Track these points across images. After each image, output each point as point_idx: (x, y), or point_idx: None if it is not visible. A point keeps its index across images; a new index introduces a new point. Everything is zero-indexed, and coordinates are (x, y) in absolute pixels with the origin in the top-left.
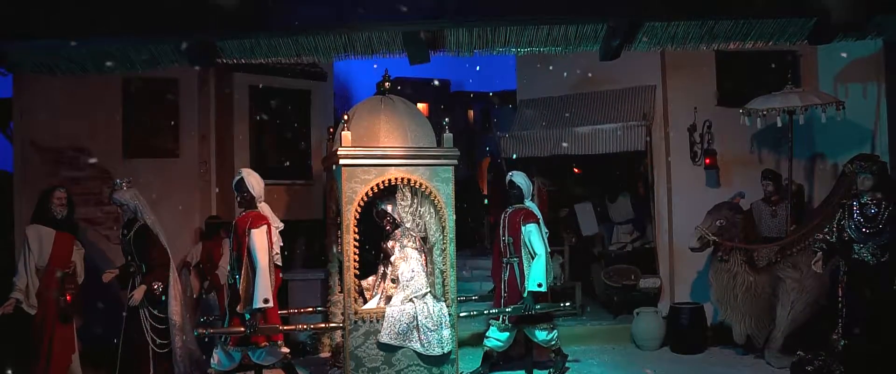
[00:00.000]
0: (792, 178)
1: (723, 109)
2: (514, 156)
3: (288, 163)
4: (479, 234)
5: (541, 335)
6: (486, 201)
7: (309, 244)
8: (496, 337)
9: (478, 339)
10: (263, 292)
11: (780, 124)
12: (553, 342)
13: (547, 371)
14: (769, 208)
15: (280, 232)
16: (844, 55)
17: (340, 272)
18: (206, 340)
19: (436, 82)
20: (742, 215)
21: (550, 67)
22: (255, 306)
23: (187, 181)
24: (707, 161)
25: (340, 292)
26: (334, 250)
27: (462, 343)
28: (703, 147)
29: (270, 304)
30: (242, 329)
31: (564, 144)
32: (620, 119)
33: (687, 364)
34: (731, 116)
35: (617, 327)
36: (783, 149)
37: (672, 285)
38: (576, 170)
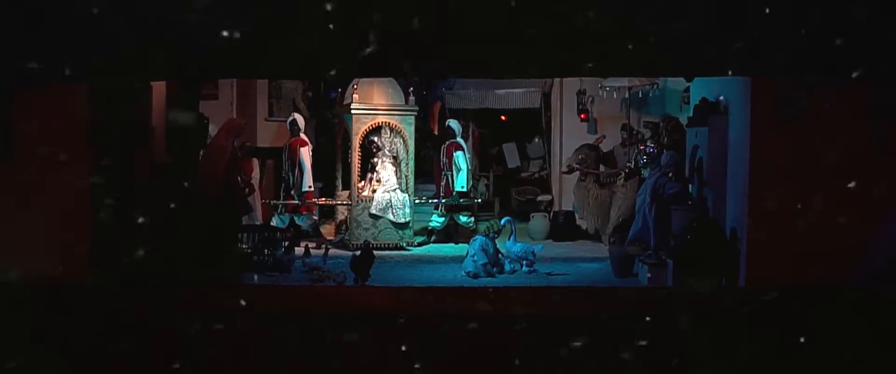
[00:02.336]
0: (638, 130)
1: (601, 80)
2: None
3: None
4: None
5: (463, 218)
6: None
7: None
8: (436, 220)
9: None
10: (308, 181)
11: (641, 95)
12: (471, 225)
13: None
14: (623, 149)
15: None
16: None
17: (343, 179)
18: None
19: None
20: (596, 152)
21: None
22: (303, 190)
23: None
24: (582, 116)
25: (343, 190)
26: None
27: (418, 233)
28: (579, 107)
29: (312, 189)
30: (298, 202)
31: (488, 101)
32: (524, 86)
33: (562, 247)
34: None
35: (521, 226)
36: (643, 109)
37: (560, 200)
38: (503, 118)
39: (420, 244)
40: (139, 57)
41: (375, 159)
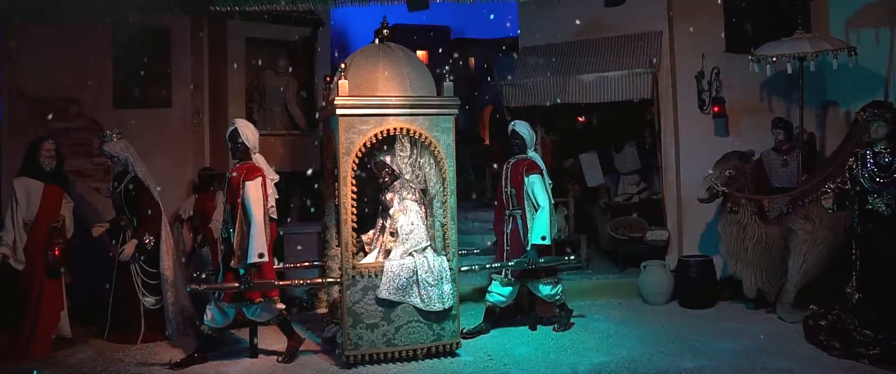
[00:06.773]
0: (803, 126)
1: (731, 55)
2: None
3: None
4: (481, 186)
5: (545, 289)
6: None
7: (307, 197)
8: (499, 292)
9: (480, 294)
10: (258, 246)
11: (790, 71)
12: (557, 297)
13: (551, 327)
14: (780, 157)
15: (275, 184)
16: None
17: (338, 226)
18: (200, 296)
19: (435, 29)
20: (751, 164)
21: (554, 13)
22: (249, 261)
23: (180, 132)
24: (715, 109)
25: (338, 246)
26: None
27: (463, 298)
28: (711, 95)
29: (265, 259)
30: (237, 285)
31: (568, 92)
32: (626, 67)
33: (696, 319)
34: (740, 63)
35: (623, 281)
36: (794, 96)
37: (680, 238)
38: (580, 119)
39: (471, 334)
40: None
41: (388, 195)
